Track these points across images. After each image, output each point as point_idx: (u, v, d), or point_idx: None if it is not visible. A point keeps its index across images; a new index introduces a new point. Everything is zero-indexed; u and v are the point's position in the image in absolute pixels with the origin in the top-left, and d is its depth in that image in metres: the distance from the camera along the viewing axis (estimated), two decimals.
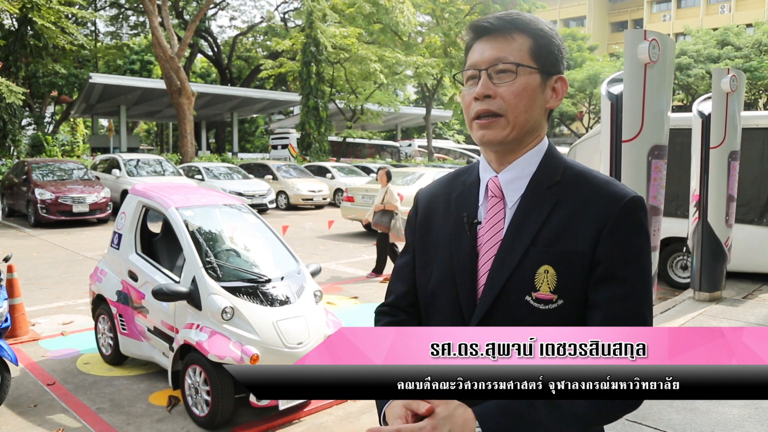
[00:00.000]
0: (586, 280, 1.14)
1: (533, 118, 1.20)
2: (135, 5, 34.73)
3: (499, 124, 1.18)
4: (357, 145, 35.23)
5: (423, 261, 1.32)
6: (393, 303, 1.40)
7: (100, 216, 13.89)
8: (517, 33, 1.18)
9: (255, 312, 3.73)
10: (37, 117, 28.11)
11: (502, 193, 1.22)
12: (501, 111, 1.17)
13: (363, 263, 9.54)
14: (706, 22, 43.96)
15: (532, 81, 1.18)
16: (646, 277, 1.16)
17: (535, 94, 1.19)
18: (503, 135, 1.18)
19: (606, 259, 1.13)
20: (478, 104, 1.18)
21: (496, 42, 1.19)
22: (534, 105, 1.19)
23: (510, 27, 1.19)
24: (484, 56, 1.19)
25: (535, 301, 1.14)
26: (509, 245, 1.17)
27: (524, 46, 1.18)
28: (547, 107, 1.23)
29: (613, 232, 1.13)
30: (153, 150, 45.27)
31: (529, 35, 1.19)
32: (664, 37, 4.36)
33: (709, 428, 3.49)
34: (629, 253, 1.14)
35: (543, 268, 1.14)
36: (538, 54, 1.19)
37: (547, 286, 1.14)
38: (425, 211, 1.36)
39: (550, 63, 1.20)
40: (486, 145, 1.22)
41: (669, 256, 7.66)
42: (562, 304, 1.14)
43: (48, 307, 6.60)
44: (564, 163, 1.23)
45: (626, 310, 1.13)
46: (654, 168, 4.39)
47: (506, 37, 1.18)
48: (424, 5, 30.16)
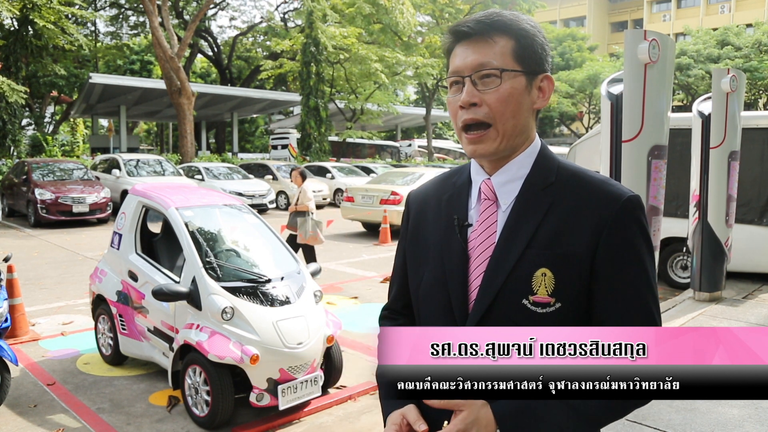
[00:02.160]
0: (584, 283, 1.13)
1: (521, 123, 1.18)
2: (135, 5, 34.72)
3: (489, 136, 1.16)
4: (357, 145, 35.23)
5: (414, 264, 1.31)
6: (390, 306, 1.43)
7: (100, 216, 13.89)
8: (498, 35, 1.15)
9: (255, 312, 3.73)
10: (37, 117, 28.10)
11: (495, 196, 1.21)
12: (488, 119, 1.15)
13: (363, 263, 9.54)
14: (706, 22, 43.97)
15: (518, 84, 1.15)
16: (650, 276, 1.15)
17: (522, 97, 1.16)
18: (494, 147, 1.17)
19: (608, 261, 1.12)
20: (465, 113, 1.16)
21: (478, 46, 1.16)
22: (521, 109, 1.17)
23: (490, 30, 1.15)
24: (466, 62, 1.16)
25: (533, 304, 1.12)
26: (504, 248, 1.16)
27: (506, 49, 1.15)
28: (535, 108, 1.20)
29: (613, 233, 1.12)
30: (153, 150, 45.27)
31: (510, 36, 1.16)
32: (664, 37, 4.36)
33: (709, 428, 3.50)
34: (631, 253, 1.13)
35: (540, 271, 1.12)
36: (521, 55, 1.16)
37: (544, 289, 1.12)
38: (416, 214, 1.34)
39: (535, 63, 1.17)
40: (478, 158, 1.22)
41: (669, 256, 7.66)
42: (560, 307, 1.12)
43: (48, 307, 6.60)
44: (558, 164, 1.22)
45: (634, 311, 1.12)
46: (654, 168, 4.39)
47: (487, 40, 1.15)
48: (424, 5, 30.16)
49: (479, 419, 1.05)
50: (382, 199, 12.12)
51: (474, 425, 1.04)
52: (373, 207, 12.24)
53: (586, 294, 1.14)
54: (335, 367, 4.20)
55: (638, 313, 1.12)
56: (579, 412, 1.07)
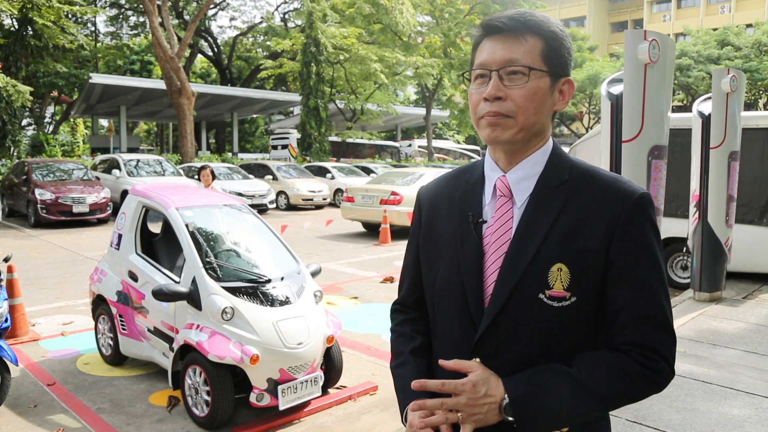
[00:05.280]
0: (599, 277, 1.16)
1: (541, 121, 1.20)
2: (135, 5, 34.72)
3: (507, 123, 1.18)
4: (357, 146, 35.22)
5: (429, 260, 1.33)
6: (402, 301, 1.47)
7: (100, 216, 13.89)
8: (530, 34, 1.17)
9: (255, 312, 3.73)
10: (37, 117, 28.13)
11: (511, 193, 1.23)
12: (511, 113, 1.17)
13: (363, 263, 9.54)
14: (706, 23, 43.97)
15: (543, 84, 1.17)
16: (660, 271, 1.18)
17: (545, 97, 1.19)
18: (511, 134, 1.19)
19: (621, 257, 1.15)
20: (488, 105, 1.18)
21: (508, 42, 1.17)
22: (543, 108, 1.19)
23: (523, 28, 1.17)
24: (495, 57, 1.18)
25: (549, 298, 1.15)
26: (520, 244, 1.18)
27: (536, 49, 1.17)
28: (555, 109, 1.23)
29: (626, 229, 1.15)
30: (153, 150, 45.29)
31: (540, 37, 1.18)
32: (664, 37, 4.36)
33: (709, 428, 3.49)
34: (643, 249, 1.16)
35: (556, 266, 1.15)
36: (548, 56, 1.18)
37: (560, 284, 1.15)
38: (429, 210, 1.36)
39: (560, 66, 1.20)
40: (493, 143, 1.23)
41: (669, 256, 7.66)
42: (576, 301, 1.15)
43: (48, 307, 6.60)
44: (570, 162, 1.24)
45: (647, 307, 1.16)
46: (654, 168, 4.39)
47: (518, 37, 1.17)
48: (424, 6, 30.16)
49: (489, 380, 1.15)
50: (382, 199, 12.12)
51: (485, 384, 1.14)
52: (373, 207, 12.24)
53: (600, 288, 1.17)
54: (335, 367, 4.20)
55: (648, 303, 1.16)
56: (585, 386, 1.13)
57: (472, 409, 1.13)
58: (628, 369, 1.13)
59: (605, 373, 1.13)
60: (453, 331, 1.25)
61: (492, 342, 1.18)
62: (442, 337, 1.30)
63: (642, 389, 1.15)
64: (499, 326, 1.17)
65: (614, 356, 1.15)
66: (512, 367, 1.17)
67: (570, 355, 1.17)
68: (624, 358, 1.14)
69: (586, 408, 1.15)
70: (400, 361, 1.36)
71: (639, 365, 1.13)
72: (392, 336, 1.44)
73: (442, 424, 1.16)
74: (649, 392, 1.17)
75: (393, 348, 1.41)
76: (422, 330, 1.38)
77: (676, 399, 3.89)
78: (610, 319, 1.18)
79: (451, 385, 1.14)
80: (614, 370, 1.14)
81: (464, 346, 1.21)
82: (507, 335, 1.17)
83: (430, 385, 1.16)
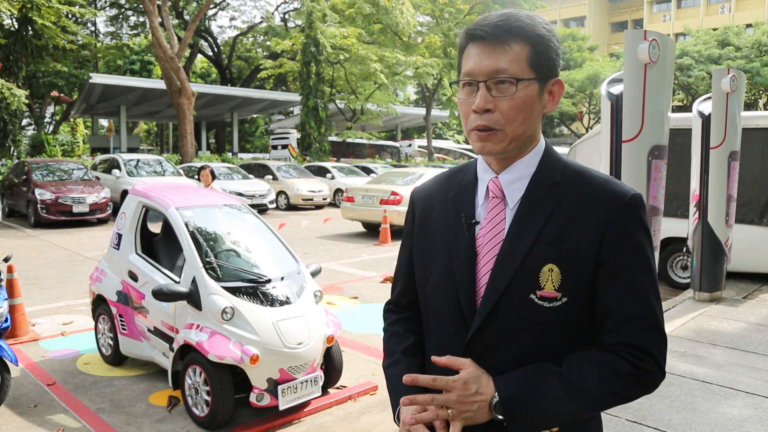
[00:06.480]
0: (590, 278, 1.16)
1: (530, 128, 1.20)
2: (135, 5, 34.70)
3: (497, 137, 1.18)
4: (357, 146, 35.22)
5: (422, 261, 1.33)
6: (395, 301, 1.46)
7: (100, 216, 13.89)
8: (515, 41, 1.15)
9: (255, 312, 3.73)
10: (37, 117, 28.11)
11: (503, 194, 1.23)
12: (499, 126, 1.17)
13: (363, 263, 9.54)
14: (706, 22, 43.95)
15: (531, 92, 1.17)
16: (651, 272, 1.18)
17: (534, 104, 1.18)
18: (502, 147, 1.19)
19: (612, 258, 1.15)
20: (477, 118, 1.18)
21: (494, 51, 1.16)
22: (532, 115, 1.19)
23: (507, 35, 1.15)
24: (481, 66, 1.16)
25: (540, 299, 1.15)
26: (512, 244, 1.18)
27: (522, 55, 1.15)
28: (545, 112, 1.22)
29: (617, 230, 1.15)
30: (153, 150, 45.27)
31: (526, 42, 1.15)
32: (664, 37, 4.35)
33: (709, 428, 3.49)
34: (634, 250, 1.16)
35: (547, 266, 1.15)
36: (536, 62, 1.16)
37: (551, 285, 1.15)
38: (422, 211, 1.36)
39: (548, 69, 1.19)
40: (485, 155, 1.24)
41: (669, 256, 7.66)
42: (567, 302, 1.16)
43: (48, 307, 6.60)
44: (563, 163, 1.24)
45: (638, 308, 1.16)
46: (654, 168, 4.39)
47: (504, 45, 1.15)
48: (424, 5, 30.14)
49: (481, 378, 1.16)
50: (382, 199, 12.12)
51: (476, 382, 1.15)
52: (373, 207, 12.24)
53: (591, 288, 1.17)
54: (335, 367, 4.20)
55: (638, 304, 1.16)
56: (576, 386, 1.13)
57: (462, 407, 1.13)
58: (618, 369, 1.14)
59: (596, 372, 1.14)
60: (445, 331, 1.26)
61: (484, 342, 1.19)
62: (434, 337, 1.30)
63: (632, 389, 1.16)
64: (490, 326, 1.18)
65: (605, 356, 1.15)
66: (504, 366, 1.17)
67: (561, 355, 1.18)
68: (615, 358, 1.15)
69: (576, 407, 1.15)
70: (392, 361, 1.36)
71: (629, 365, 1.14)
72: (385, 336, 1.44)
73: (433, 420, 1.16)
74: (639, 393, 1.17)
75: (385, 347, 1.42)
76: (415, 330, 1.38)
77: (676, 399, 3.89)
78: (600, 320, 1.18)
79: (443, 382, 1.15)
80: (605, 369, 1.14)
81: (456, 346, 1.22)
82: (498, 335, 1.18)
83: (422, 380, 1.17)
